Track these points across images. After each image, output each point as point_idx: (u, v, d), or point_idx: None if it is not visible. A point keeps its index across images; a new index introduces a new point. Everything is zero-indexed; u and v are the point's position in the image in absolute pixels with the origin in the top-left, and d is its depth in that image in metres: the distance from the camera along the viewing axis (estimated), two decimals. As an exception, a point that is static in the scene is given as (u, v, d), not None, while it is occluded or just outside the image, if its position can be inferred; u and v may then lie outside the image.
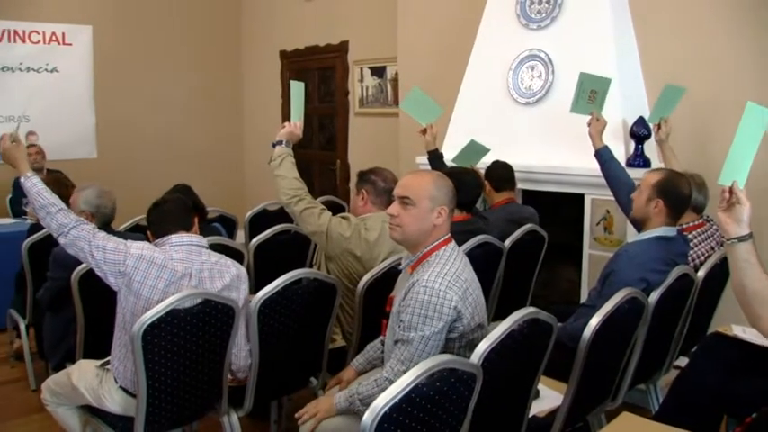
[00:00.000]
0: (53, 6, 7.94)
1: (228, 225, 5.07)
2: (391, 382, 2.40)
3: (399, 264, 2.86)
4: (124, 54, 8.33)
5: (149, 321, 2.67)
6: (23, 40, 7.78)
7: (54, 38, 7.96)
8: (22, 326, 4.67)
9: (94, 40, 8.18)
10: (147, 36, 8.46)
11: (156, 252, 2.89)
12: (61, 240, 2.93)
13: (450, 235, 2.66)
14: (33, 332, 4.69)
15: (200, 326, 2.82)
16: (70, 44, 8.05)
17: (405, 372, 2.39)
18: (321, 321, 3.32)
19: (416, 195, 2.57)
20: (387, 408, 1.99)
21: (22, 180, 3.01)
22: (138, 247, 2.87)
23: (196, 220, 3.12)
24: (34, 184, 2.97)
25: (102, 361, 3.11)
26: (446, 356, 2.16)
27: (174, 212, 3.05)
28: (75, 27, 8.07)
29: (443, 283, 2.45)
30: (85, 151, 8.06)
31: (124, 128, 8.30)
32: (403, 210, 2.60)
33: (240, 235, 5.39)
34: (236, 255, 3.67)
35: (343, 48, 7.51)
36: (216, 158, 8.90)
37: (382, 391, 2.40)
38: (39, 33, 7.87)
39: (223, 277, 3.01)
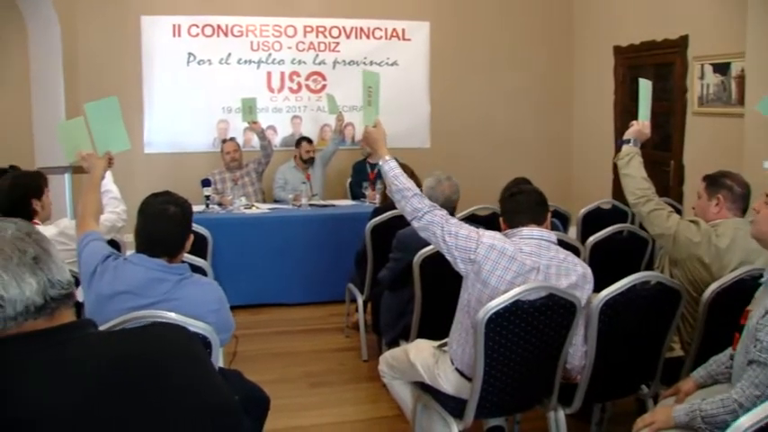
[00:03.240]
0: (395, 4, 8.43)
1: (561, 220, 5.03)
2: (741, 406, 2.25)
3: (753, 274, 2.65)
4: (458, 49, 8.58)
5: (494, 310, 2.71)
6: (368, 37, 8.38)
7: (395, 34, 8.45)
8: (360, 301, 5.02)
9: (431, 36, 8.53)
10: (481, 31, 8.63)
11: (507, 243, 2.90)
12: (415, 224, 3.05)
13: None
14: (370, 307, 5.03)
15: (542, 319, 2.82)
16: (409, 39, 8.49)
17: (758, 397, 2.22)
18: (660, 328, 3.16)
19: None
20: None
21: (381, 163, 3.16)
22: (490, 237, 2.91)
23: (549, 214, 3.11)
24: (392, 168, 3.12)
25: (440, 342, 3.22)
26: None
27: (528, 204, 3.05)
28: (414, 23, 8.49)
29: (813, 306, 2.23)
30: (420, 141, 8.46)
31: (455, 120, 8.56)
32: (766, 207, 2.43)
33: (571, 231, 5.34)
34: (572, 251, 3.61)
35: (682, 43, 7.09)
36: (543, 153, 8.85)
37: (729, 413, 2.25)
38: (381, 30, 8.41)
39: (569, 275, 2.95)
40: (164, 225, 2.68)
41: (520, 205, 3.07)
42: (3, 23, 7.23)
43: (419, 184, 4.20)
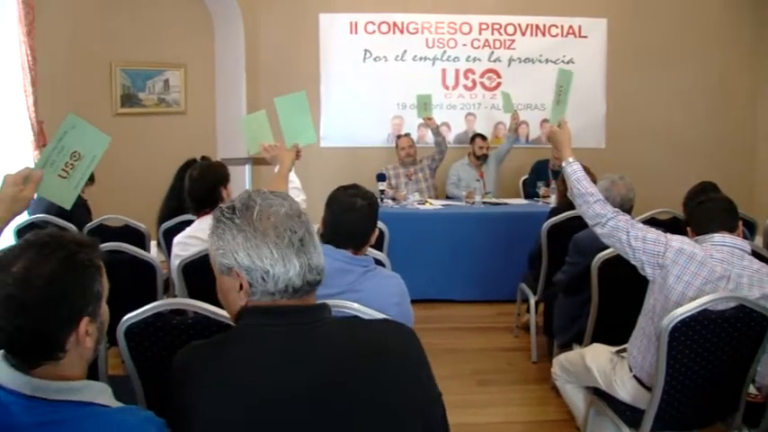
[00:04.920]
0: (571, 1, 8.26)
1: (748, 229, 4.76)
2: None
3: None
4: (636, 46, 8.28)
5: (680, 318, 2.61)
6: (543, 34, 8.26)
7: (571, 31, 8.28)
8: (532, 301, 4.94)
9: (609, 33, 8.29)
10: (660, 28, 8.29)
11: (697, 248, 2.80)
12: (598, 230, 3.00)
13: None
14: (542, 308, 4.95)
15: (730, 331, 2.68)
16: (585, 37, 8.30)
17: None
18: None
19: None
20: None
21: (564, 165, 3.13)
22: (679, 241, 2.82)
23: (740, 222, 2.96)
24: (575, 171, 3.08)
25: (619, 348, 3.13)
26: None
27: (718, 212, 2.93)
28: (591, 20, 8.28)
29: None
30: (594, 141, 8.21)
31: (632, 120, 8.28)
32: None
33: (756, 240, 5.04)
34: (765, 262, 3.42)
35: None
36: (724, 157, 8.36)
37: None
38: (557, 27, 8.26)
39: (763, 286, 2.79)
40: (351, 218, 2.74)
41: (709, 213, 2.95)
42: (191, 21, 7.67)
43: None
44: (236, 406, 1.47)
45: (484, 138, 7.35)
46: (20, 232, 4.50)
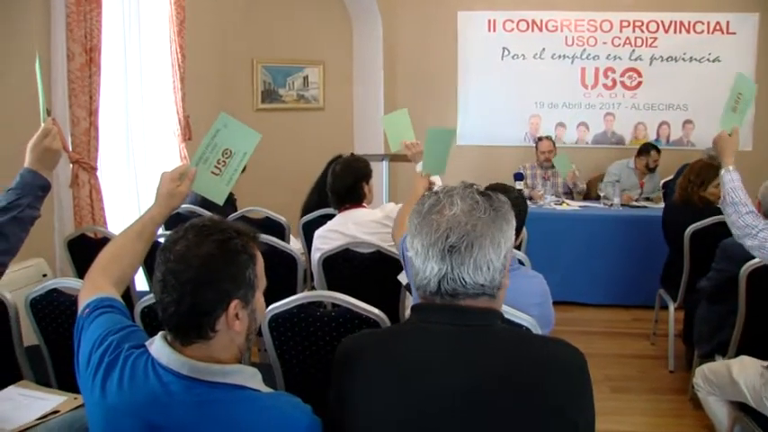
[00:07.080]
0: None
1: None
2: None
3: None
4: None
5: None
6: (688, 31, 7.90)
7: (718, 27, 7.88)
8: (671, 308, 4.77)
9: (760, 28, 7.83)
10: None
11: None
12: (747, 242, 2.90)
13: None
14: (681, 316, 4.76)
15: None
16: (734, 33, 7.87)
17: None
18: None
19: None
20: None
21: (723, 171, 3.07)
22: None
23: None
24: (732, 180, 3.01)
25: (772, 362, 3.00)
26: None
27: None
28: (740, 15, 7.85)
29: None
30: (740, 143, 7.77)
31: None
32: None
33: None
34: None
35: None
36: None
37: None
38: (703, 24, 7.88)
39: None
40: None
41: None
42: (330, 19, 7.82)
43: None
44: (395, 398, 1.50)
45: (659, 151, 6.97)
46: (167, 222, 4.68)
